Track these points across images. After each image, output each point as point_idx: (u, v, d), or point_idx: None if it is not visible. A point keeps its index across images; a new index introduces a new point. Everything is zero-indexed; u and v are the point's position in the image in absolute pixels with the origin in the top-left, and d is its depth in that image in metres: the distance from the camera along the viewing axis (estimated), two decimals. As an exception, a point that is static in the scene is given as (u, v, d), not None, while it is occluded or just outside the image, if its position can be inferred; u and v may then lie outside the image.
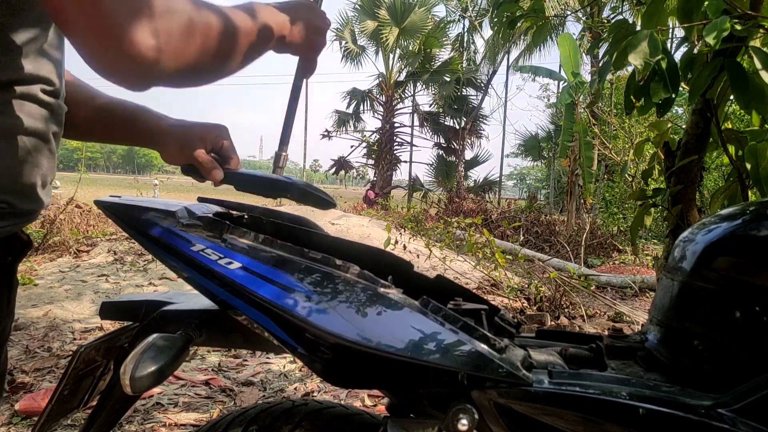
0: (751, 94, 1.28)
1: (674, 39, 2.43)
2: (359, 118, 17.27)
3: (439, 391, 0.69)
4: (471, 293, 0.89)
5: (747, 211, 0.78)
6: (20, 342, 2.78)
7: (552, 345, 0.85)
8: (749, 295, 0.65)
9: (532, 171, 51.22)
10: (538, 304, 3.96)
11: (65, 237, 5.17)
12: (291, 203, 9.07)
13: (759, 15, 1.30)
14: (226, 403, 2.19)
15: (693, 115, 1.65)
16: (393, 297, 0.69)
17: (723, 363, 0.67)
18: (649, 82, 1.39)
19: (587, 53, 10.09)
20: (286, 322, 0.66)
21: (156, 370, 0.63)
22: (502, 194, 19.01)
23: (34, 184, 0.65)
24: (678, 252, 0.79)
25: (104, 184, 28.06)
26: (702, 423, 0.58)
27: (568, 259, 6.27)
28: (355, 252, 0.88)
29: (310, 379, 2.47)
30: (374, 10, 15.27)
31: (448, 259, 4.67)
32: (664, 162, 1.78)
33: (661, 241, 9.04)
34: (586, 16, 8.90)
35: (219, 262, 0.69)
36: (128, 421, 1.96)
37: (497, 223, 8.68)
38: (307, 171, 29.86)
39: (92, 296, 3.72)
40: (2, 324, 0.67)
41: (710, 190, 6.90)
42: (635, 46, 1.28)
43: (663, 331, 0.77)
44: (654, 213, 4.24)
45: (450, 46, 16.41)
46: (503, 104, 16.58)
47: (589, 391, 0.63)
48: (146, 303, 0.86)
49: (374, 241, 5.38)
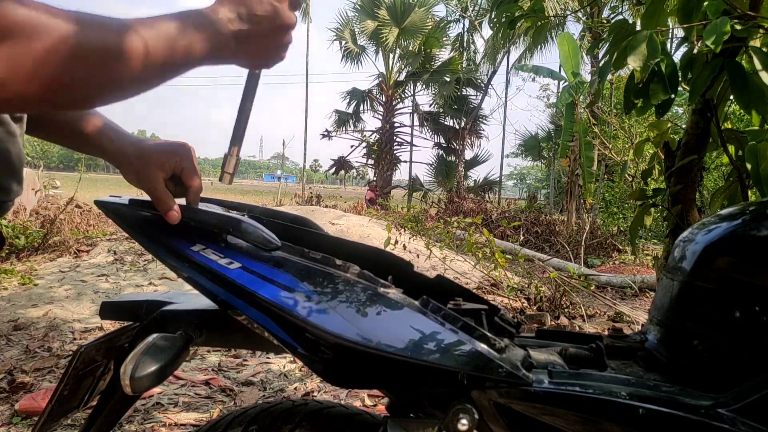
0: (751, 94, 1.28)
1: (674, 39, 2.43)
2: (359, 118, 17.26)
3: (439, 391, 0.69)
4: (471, 293, 0.89)
5: (747, 211, 0.78)
6: (20, 342, 2.78)
7: (552, 345, 0.85)
8: (749, 295, 0.65)
9: (532, 171, 51.24)
10: (538, 304, 3.96)
11: (65, 237, 5.17)
12: (291, 203, 9.06)
13: (759, 15, 1.30)
14: (226, 403, 2.19)
15: (693, 115, 1.65)
16: (393, 297, 0.69)
17: (723, 363, 0.67)
18: (649, 84, 1.39)
19: (587, 53, 10.09)
20: (286, 322, 0.66)
21: (156, 370, 0.63)
22: (502, 194, 19.02)
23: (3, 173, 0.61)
24: (678, 252, 0.79)
25: (104, 184, 28.05)
26: (702, 423, 0.58)
27: (568, 259, 6.27)
28: (355, 252, 0.88)
29: (310, 379, 2.47)
30: (374, 10, 15.26)
31: (448, 259, 4.67)
32: (664, 162, 1.78)
33: (661, 241, 9.04)
34: (586, 16, 8.89)
35: (219, 262, 0.69)
36: (128, 421, 1.96)
37: (497, 223, 8.67)
38: (307, 171, 29.87)
39: (92, 296, 3.72)
40: None
41: (710, 190, 6.90)
42: (634, 47, 1.28)
43: (663, 331, 0.77)
44: (654, 213, 4.24)
45: (450, 46, 16.41)
46: (503, 104, 16.57)
47: (589, 391, 0.63)
48: (146, 303, 0.86)
49: (374, 240, 5.38)
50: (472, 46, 16.83)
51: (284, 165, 26.66)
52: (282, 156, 25.95)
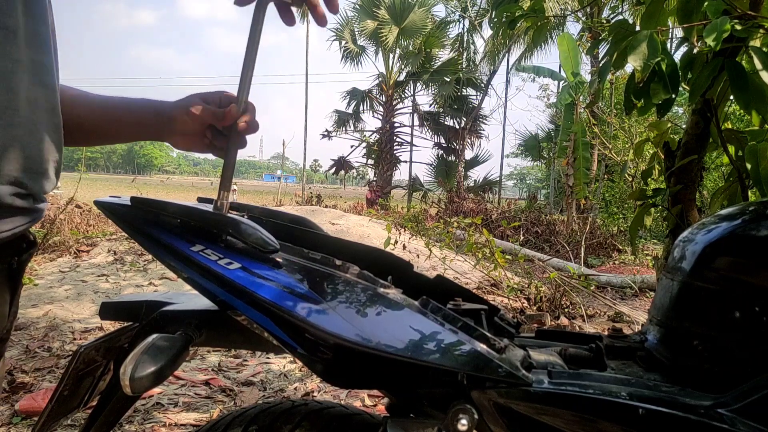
0: (751, 94, 1.28)
1: (674, 39, 2.43)
2: (359, 118, 17.25)
3: (439, 391, 0.69)
4: (471, 293, 0.89)
5: (747, 211, 0.78)
6: (20, 342, 2.78)
7: (552, 345, 0.85)
8: (749, 295, 0.65)
9: (532, 171, 51.25)
10: (538, 304, 3.96)
11: (65, 237, 5.17)
12: (291, 203, 9.06)
13: (759, 15, 1.30)
14: (226, 403, 2.19)
15: (693, 115, 1.65)
16: (393, 297, 0.69)
17: (723, 363, 0.67)
18: (649, 83, 1.39)
19: (587, 53, 10.09)
20: (285, 322, 0.65)
21: (156, 371, 0.63)
22: (502, 194, 19.00)
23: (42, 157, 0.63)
24: (678, 252, 0.79)
25: (104, 184, 28.05)
26: (702, 423, 0.58)
27: (568, 259, 6.27)
28: (354, 252, 0.88)
29: (310, 379, 2.47)
30: (374, 9, 15.26)
31: (448, 259, 4.67)
32: (664, 162, 1.78)
33: (661, 241, 9.04)
34: (585, 16, 8.90)
35: (219, 262, 0.69)
36: (128, 421, 1.96)
37: (497, 223, 8.67)
38: (307, 171, 29.85)
39: (92, 296, 3.72)
40: (4, 325, 0.67)
41: (710, 190, 6.90)
42: (634, 47, 1.28)
43: (663, 331, 0.77)
44: (654, 213, 4.24)
45: (450, 46, 16.40)
46: (503, 104, 16.58)
47: (588, 391, 0.63)
48: (146, 303, 0.86)
49: (374, 241, 5.38)
50: (472, 46, 16.83)
51: (284, 165, 26.65)
52: (282, 156, 25.98)
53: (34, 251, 0.70)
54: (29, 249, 0.68)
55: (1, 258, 0.62)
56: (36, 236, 0.71)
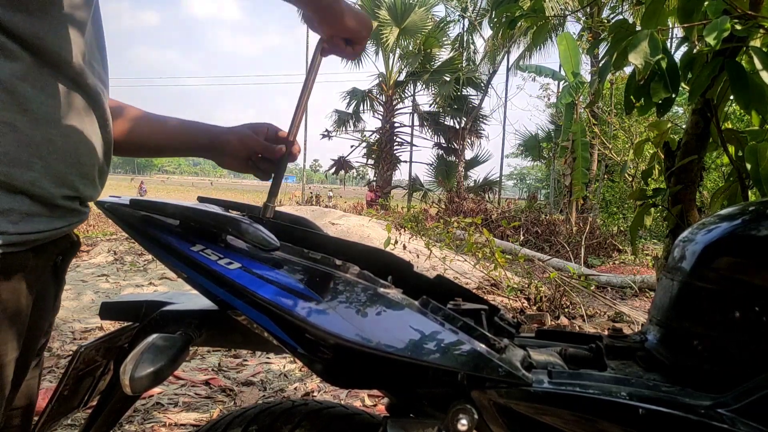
0: (751, 94, 1.27)
1: (674, 39, 2.43)
2: (359, 117, 17.26)
3: (439, 391, 0.69)
4: (471, 293, 0.89)
5: (747, 211, 0.78)
6: (20, 342, 2.78)
7: (552, 345, 0.85)
8: (749, 295, 0.65)
9: (532, 171, 51.26)
10: (538, 303, 3.96)
11: (65, 237, 5.16)
12: (291, 203, 9.08)
13: (759, 15, 1.29)
14: (226, 403, 2.19)
15: (693, 115, 1.65)
16: (393, 297, 0.69)
17: (723, 363, 0.67)
18: (649, 82, 1.38)
19: (587, 53, 10.09)
20: (285, 322, 0.65)
21: (155, 371, 0.63)
22: (502, 194, 19.02)
23: (93, 165, 0.68)
24: (678, 252, 0.79)
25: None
26: (702, 423, 0.58)
27: (568, 259, 6.27)
28: (354, 252, 0.88)
29: (310, 379, 2.47)
30: (374, 10, 15.26)
31: (448, 259, 4.67)
32: (664, 162, 1.78)
33: (661, 241, 9.04)
34: (585, 16, 8.90)
35: (219, 262, 0.69)
36: (128, 421, 1.96)
37: (497, 223, 8.67)
38: (307, 171, 29.82)
39: (92, 296, 3.72)
40: (48, 319, 0.71)
41: (710, 190, 6.90)
42: (635, 45, 1.28)
43: (663, 331, 0.77)
44: (654, 213, 4.24)
45: (450, 46, 16.41)
46: (503, 104, 16.59)
47: (588, 391, 0.63)
48: (146, 303, 0.86)
49: (374, 241, 5.38)
50: (472, 46, 16.84)
51: (284, 165, 26.59)
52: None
53: (76, 251, 0.75)
54: (72, 248, 0.73)
55: (49, 256, 0.66)
56: (79, 237, 0.77)
